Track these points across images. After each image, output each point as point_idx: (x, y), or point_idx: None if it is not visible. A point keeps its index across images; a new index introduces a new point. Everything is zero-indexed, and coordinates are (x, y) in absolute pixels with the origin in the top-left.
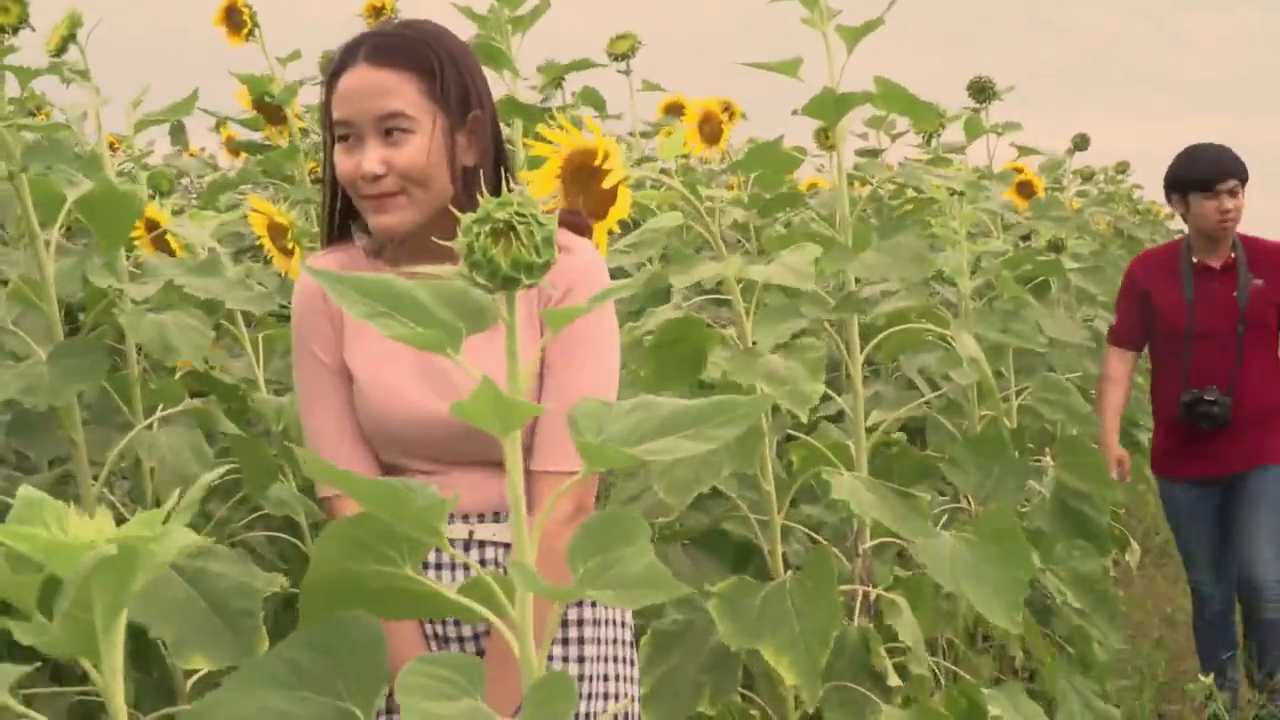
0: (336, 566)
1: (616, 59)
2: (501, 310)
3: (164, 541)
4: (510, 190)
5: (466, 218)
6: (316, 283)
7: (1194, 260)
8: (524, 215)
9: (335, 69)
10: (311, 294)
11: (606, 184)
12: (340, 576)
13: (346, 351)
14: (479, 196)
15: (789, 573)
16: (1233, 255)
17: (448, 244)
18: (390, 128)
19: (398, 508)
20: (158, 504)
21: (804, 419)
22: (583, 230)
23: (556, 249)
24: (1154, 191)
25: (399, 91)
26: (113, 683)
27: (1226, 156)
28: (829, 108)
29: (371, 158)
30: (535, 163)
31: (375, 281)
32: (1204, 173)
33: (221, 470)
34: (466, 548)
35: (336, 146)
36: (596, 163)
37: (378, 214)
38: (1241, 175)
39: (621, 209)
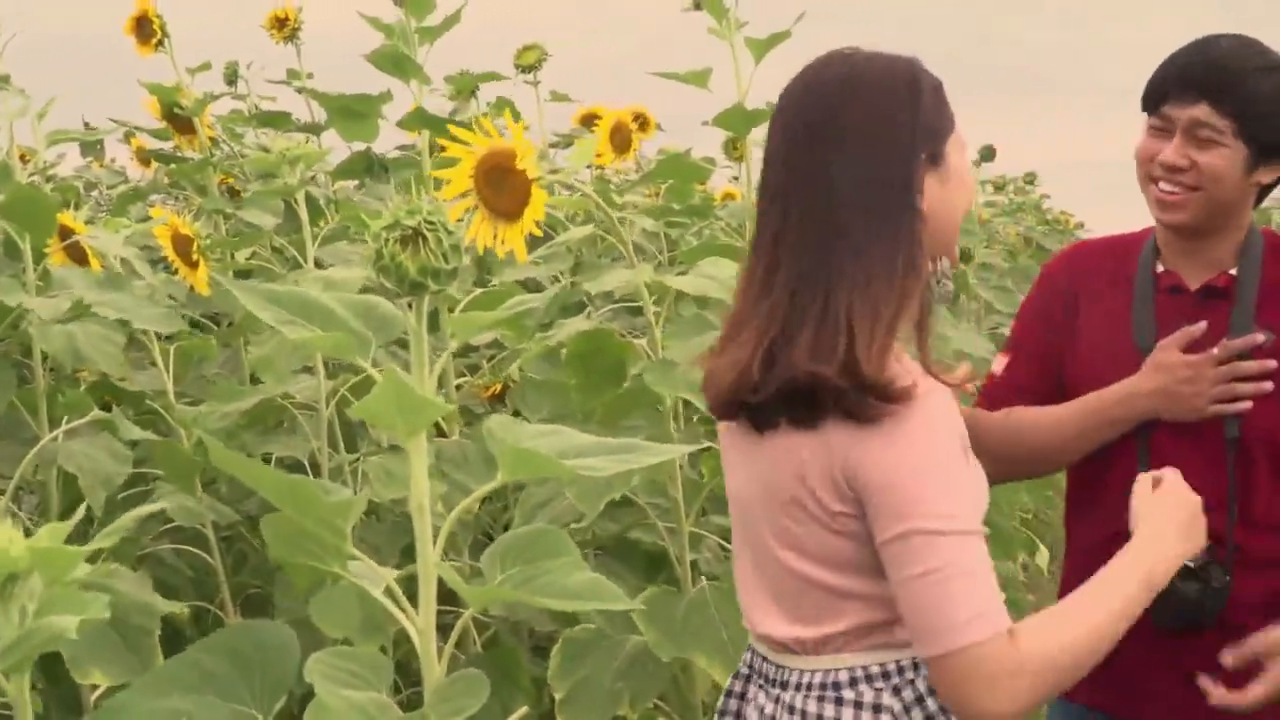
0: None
1: (523, 70)
2: (410, 320)
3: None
4: None
5: (376, 224)
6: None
7: (1157, 269)
8: (433, 223)
9: None
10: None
11: (520, 182)
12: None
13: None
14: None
15: (705, 581)
16: (1231, 272)
17: None
18: None
19: (303, 506)
20: (71, 510)
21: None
22: None
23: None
24: (1062, 200)
25: None
26: (21, 694)
27: (1213, 53)
28: (739, 120)
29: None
30: (446, 163)
31: (285, 291)
32: (1158, 77)
33: (128, 473)
34: None
35: None
36: (514, 163)
37: None
38: (1223, 98)
39: (537, 210)
